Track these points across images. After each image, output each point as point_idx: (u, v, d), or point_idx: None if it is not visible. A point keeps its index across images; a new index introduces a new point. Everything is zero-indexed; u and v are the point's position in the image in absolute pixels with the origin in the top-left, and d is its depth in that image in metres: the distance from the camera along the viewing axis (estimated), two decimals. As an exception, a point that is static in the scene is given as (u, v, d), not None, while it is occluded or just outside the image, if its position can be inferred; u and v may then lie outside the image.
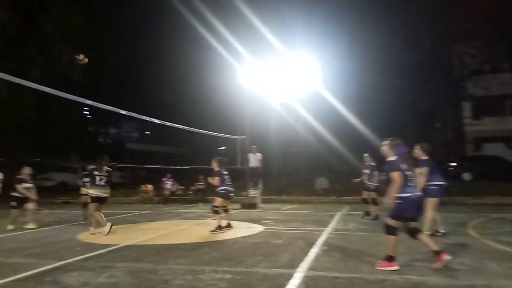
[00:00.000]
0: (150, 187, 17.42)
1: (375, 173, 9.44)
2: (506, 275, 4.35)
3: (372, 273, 4.51)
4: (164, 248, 6.31)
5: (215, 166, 8.09)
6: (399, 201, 4.61)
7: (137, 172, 26.72)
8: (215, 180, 7.98)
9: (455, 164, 20.89)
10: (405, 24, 20.11)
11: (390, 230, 4.69)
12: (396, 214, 4.65)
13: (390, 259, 4.66)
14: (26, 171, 9.01)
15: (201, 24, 20.00)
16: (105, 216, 10.54)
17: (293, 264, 4.99)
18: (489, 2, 19.33)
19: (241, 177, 14.69)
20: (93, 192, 7.84)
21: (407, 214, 4.62)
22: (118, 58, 28.03)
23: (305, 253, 5.65)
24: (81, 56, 8.31)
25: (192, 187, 16.85)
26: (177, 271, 4.77)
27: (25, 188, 8.90)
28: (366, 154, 9.82)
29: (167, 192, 16.76)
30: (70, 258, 5.54)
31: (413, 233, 4.73)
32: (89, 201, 8.00)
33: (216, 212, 7.89)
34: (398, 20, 20.06)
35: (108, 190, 8.04)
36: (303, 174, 20.95)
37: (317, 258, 5.35)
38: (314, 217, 10.34)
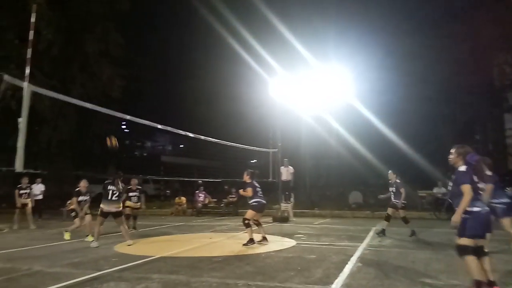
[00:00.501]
0: (183, 199, 17.70)
1: (402, 190, 9.15)
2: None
3: (410, 292, 4.36)
4: (198, 261, 6.37)
5: (246, 178, 8.10)
6: (468, 216, 4.08)
7: (171, 184, 27.24)
8: (248, 192, 7.94)
9: (497, 178, 19.89)
10: (442, 33, 19.59)
11: (464, 251, 4.12)
12: (469, 232, 4.10)
13: (479, 284, 4.02)
14: (82, 183, 9.22)
15: (234, 38, 20.37)
16: (141, 228, 10.91)
17: (327, 280, 4.90)
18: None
19: (272, 190, 14.66)
20: (104, 206, 8.03)
21: (478, 231, 4.12)
22: (154, 74, 29.03)
23: (339, 269, 5.54)
24: (114, 141, 8.60)
25: (224, 200, 16.98)
26: (211, 284, 4.80)
27: (79, 201, 9.15)
28: (390, 171, 9.55)
29: (199, 205, 16.96)
30: (107, 269, 5.70)
31: (478, 252, 4.18)
32: (98, 213, 8.18)
33: (247, 225, 7.81)
34: (435, 30, 19.58)
35: (119, 205, 8.16)
36: (335, 187, 20.63)
37: (351, 275, 5.22)
38: (347, 232, 10.13)
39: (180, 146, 38.07)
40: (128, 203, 10.98)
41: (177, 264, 6.13)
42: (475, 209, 4.10)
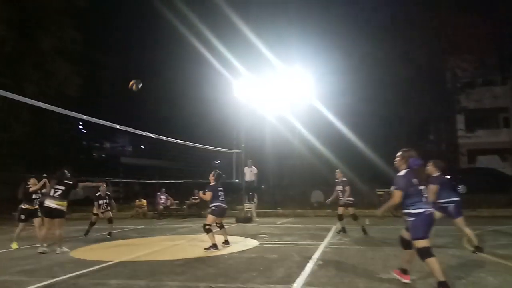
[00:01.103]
0: (144, 202, 17.31)
1: (347, 188, 9.39)
2: (502, 289, 4.33)
3: (368, 288, 4.48)
4: (158, 264, 6.24)
5: (212, 179, 7.81)
6: (413, 218, 4.26)
7: (131, 186, 26.51)
8: (206, 195, 7.63)
9: (449, 176, 21.00)
10: (399, 38, 20.41)
11: (425, 253, 4.21)
12: (421, 233, 4.24)
13: (444, 285, 4.12)
14: (32, 181, 8.49)
15: (198, 39, 20.18)
16: (99, 232, 10.53)
17: (289, 280, 4.94)
18: (480, 16, 19.72)
19: (236, 191, 14.65)
20: (46, 202, 7.73)
21: (425, 232, 4.26)
22: (114, 73, 28.19)
23: (301, 268, 5.61)
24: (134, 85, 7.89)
25: (187, 202, 16.76)
26: None
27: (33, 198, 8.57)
28: (337, 170, 9.76)
29: (161, 207, 16.63)
30: (62, 275, 5.45)
31: (405, 245, 4.55)
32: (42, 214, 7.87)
33: (208, 231, 7.41)
34: (392, 35, 20.36)
35: (61, 202, 7.71)
36: (298, 187, 20.91)
37: (313, 273, 5.30)
38: (309, 231, 10.30)
39: (141, 147, 37.16)
40: (96, 210, 10.51)
41: (136, 268, 5.97)
42: (419, 210, 4.25)
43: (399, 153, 4.56)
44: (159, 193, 16.99)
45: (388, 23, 20.51)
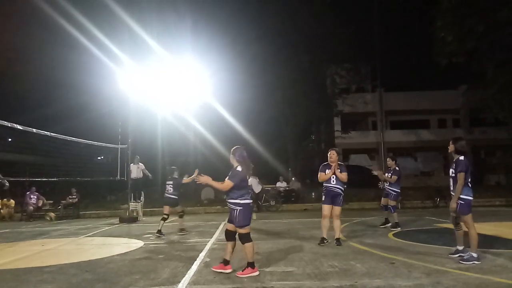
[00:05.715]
0: (12, 202, 15.22)
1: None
2: (369, 274, 4.82)
3: (253, 282, 4.58)
4: (24, 272, 5.48)
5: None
6: (241, 208, 5.18)
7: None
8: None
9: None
10: (286, 43, 21.56)
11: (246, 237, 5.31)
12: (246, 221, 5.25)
13: (226, 262, 5.20)
14: None
15: (76, 26, 18.03)
16: None
17: (174, 280, 4.79)
18: (354, 28, 22.08)
19: (121, 189, 13.82)
20: None
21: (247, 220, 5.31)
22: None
23: (188, 267, 5.49)
24: None
25: (63, 202, 15.19)
26: (38, 299, 4.17)
27: None
28: (173, 167, 9.60)
29: (31, 208, 14.79)
30: None
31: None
32: None
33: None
34: (280, 39, 21.40)
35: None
36: (190, 184, 20.70)
37: (199, 271, 5.23)
38: (198, 228, 10.23)
39: (9, 140, 32.51)
40: None
41: (-4, 279, 5.16)
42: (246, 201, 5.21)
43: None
44: (28, 192, 15.08)
45: (277, 27, 21.41)
